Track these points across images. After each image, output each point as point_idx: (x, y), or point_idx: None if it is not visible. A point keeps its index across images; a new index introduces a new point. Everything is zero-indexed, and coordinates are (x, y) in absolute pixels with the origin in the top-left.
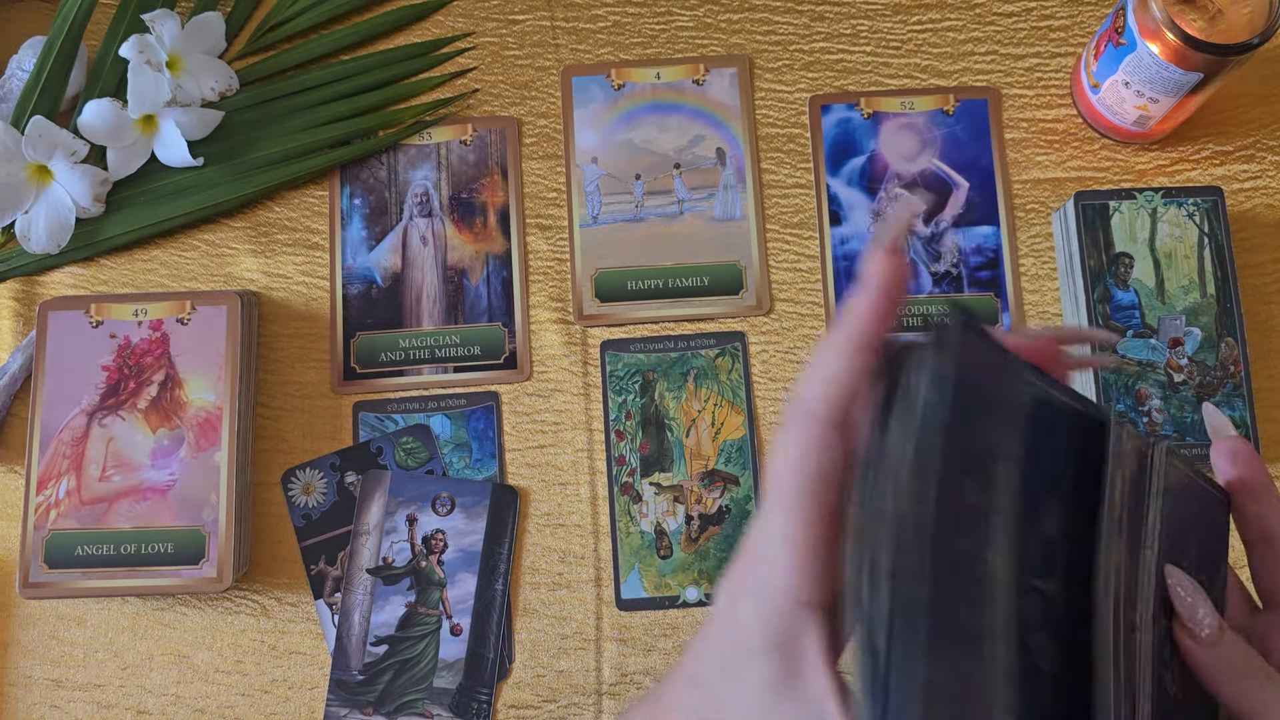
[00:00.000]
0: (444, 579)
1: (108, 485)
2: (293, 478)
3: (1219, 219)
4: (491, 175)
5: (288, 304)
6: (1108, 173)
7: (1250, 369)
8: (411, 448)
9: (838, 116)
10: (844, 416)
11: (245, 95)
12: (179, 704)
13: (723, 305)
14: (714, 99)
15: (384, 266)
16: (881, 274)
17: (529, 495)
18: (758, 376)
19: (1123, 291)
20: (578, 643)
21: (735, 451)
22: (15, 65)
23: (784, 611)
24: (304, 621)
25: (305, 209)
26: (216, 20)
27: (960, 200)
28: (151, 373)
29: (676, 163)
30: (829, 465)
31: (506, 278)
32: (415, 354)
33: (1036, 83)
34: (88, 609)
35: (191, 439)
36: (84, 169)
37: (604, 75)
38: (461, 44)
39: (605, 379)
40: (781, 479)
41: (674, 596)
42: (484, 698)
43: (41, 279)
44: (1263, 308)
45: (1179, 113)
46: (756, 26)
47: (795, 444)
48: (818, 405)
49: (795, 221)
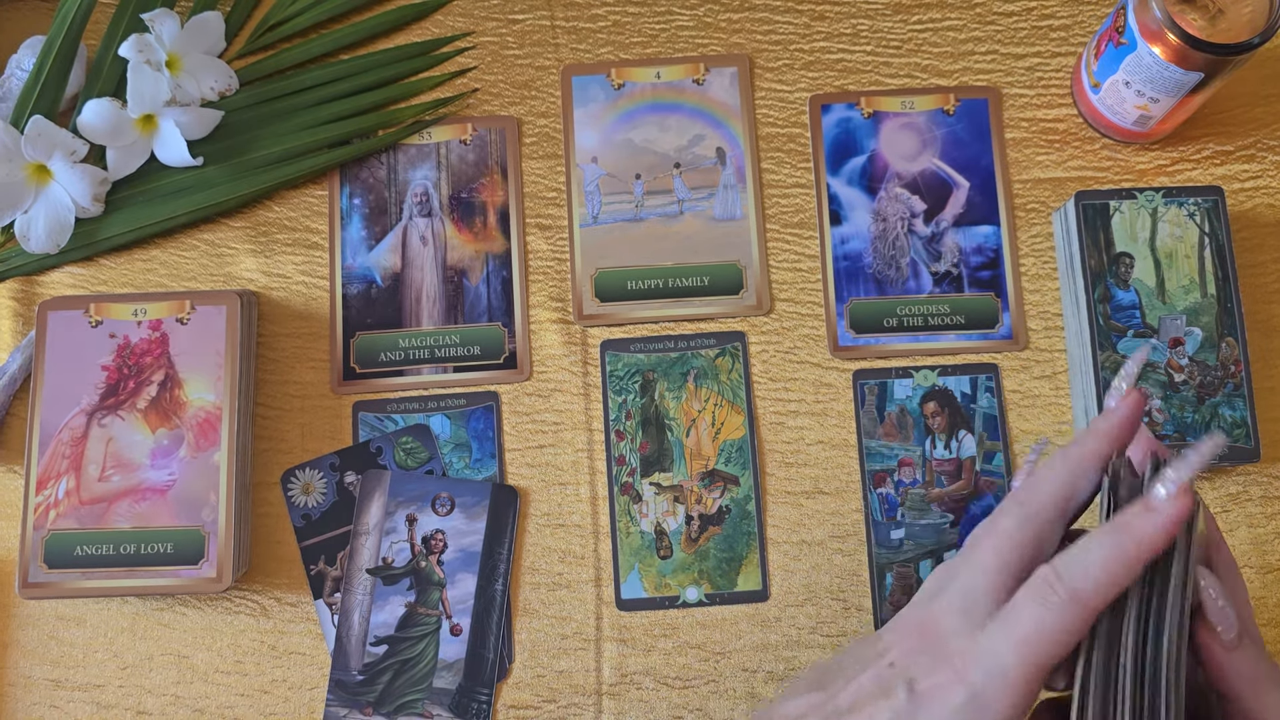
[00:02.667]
0: (444, 579)
1: (107, 485)
2: (292, 478)
3: (1219, 219)
4: (491, 175)
5: (287, 304)
6: (1108, 172)
7: (1251, 369)
8: (411, 448)
9: (838, 116)
10: (1105, 607)
11: (245, 95)
12: (179, 704)
13: (723, 305)
14: (714, 99)
15: (384, 266)
16: (1128, 409)
17: (529, 495)
18: (758, 376)
19: (1123, 291)
20: (578, 643)
21: (735, 451)
22: (15, 65)
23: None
24: (304, 622)
25: (305, 209)
26: (216, 20)
27: (961, 200)
28: (151, 372)
29: (676, 162)
30: (1073, 644)
31: (506, 277)
32: (415, 354)
33: (1037, 82)
34: (87, 609)
35: (191, 439)
36: (83, 169)
37: (604, 75)
38: (461, 43)
39: (605, 379)
40: (1029, 642)
41: (674, 596)
42: (484, 698)
43: (41, 279)
44: (1263, 308)
45: (1179, 112)
46: (757, 26)
47: (1056, 618)
48: (1092, 598)
49: (795, 221)
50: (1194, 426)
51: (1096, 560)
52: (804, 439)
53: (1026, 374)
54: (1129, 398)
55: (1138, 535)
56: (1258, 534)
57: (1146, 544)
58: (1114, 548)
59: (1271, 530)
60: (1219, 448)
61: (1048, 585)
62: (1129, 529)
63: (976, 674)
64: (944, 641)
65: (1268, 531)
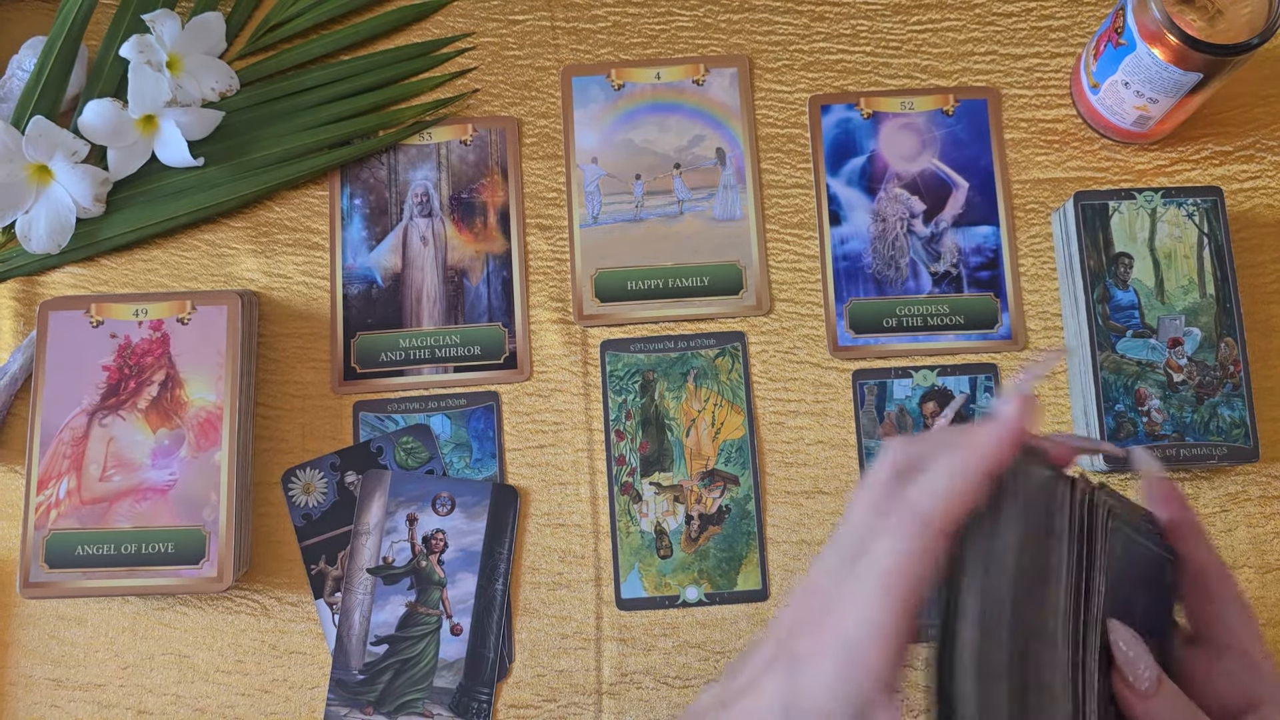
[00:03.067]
0: (444, 579)
1: (108, 485)
2: (293, 477)
3: (1219, 219)
4: (491, 175)
5: (288, 304)
6: (1107, 173)
7: (1250, 369)
8: (412, 447)
9: (838, 116)
10: (956, 529)
11: (245, 95)
12: (179, 704)
13: (723, 305)
14: (714, 99)
15: (384, 266)
16: (1017, 417)
17: (529, 495)
18: (758, 376)
19: (1122, 291)
20: (578, 642)
21: (735, 451)
22: (15, 65)
23: (868, 692)
24: (304, 621)
25: (305, 209)
26: (217, 20)
27: (960, 200)
28: (152, 372)
29: (676, 163)
30: (931, 569)
31: (506, 278)
32: (415, 354)
33: (1036, 83)
34: (88, 609)
35: (192, 439)
36: (84, 169)
37: (604, 75)
38: (461, 44)
39: (605, 379)
40: (889, 575)
41: (674, 596)
42: (484, 697)
43: (42, 279)
44: (1262, 308)
45: (1179, 113)
46: (756, 27)
47: (909, 548)
48: (936, 517)
49: (795, 221)
50: (1193, 426)
51: (938, 478)
52: (804, 439)
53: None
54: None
55: (974, 443)
56: (1256, 533)
57: (982, 452)
58: (952, 462)
59: (1270, 530)
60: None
61: (895, 514)
62: (967, 440)
63: (849, 622)
64: (823, 597)
65: (1266, 531)
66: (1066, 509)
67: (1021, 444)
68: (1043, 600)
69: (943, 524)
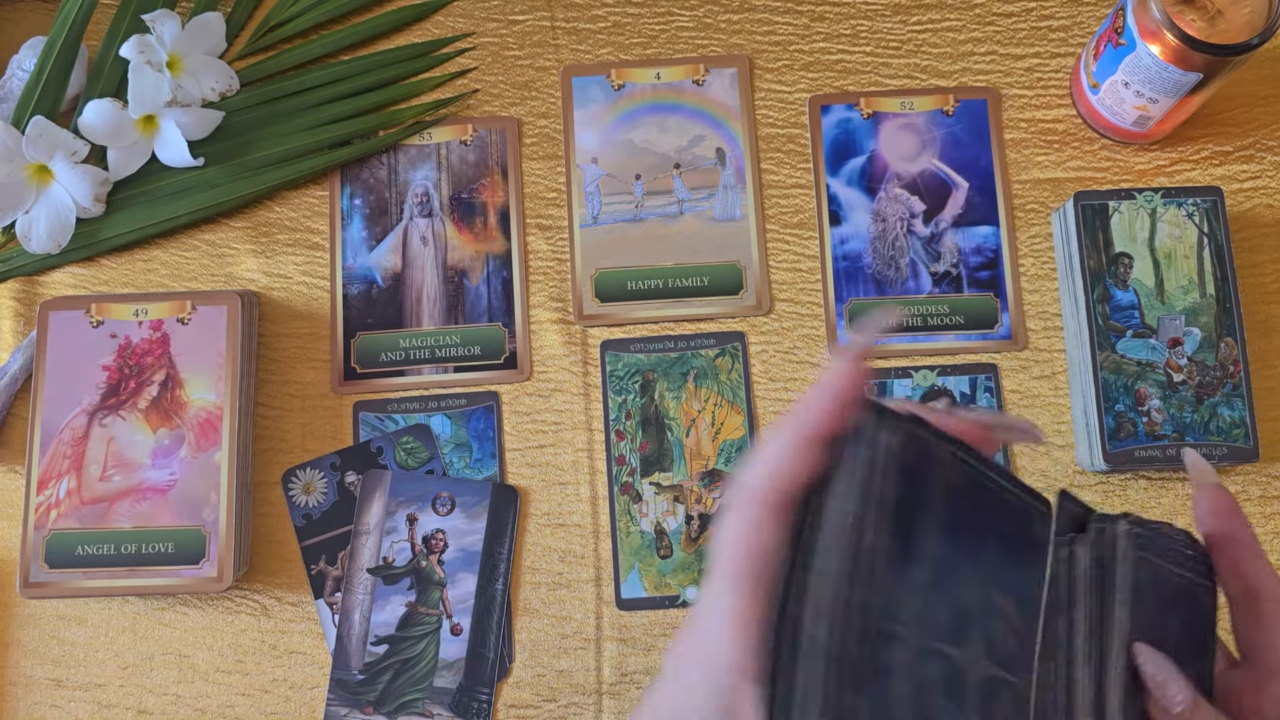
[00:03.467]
0: (444, 579)
1: (108, 485)
2: (293, 477)
3: (1218, 219)
4: (491, 175)
5: (288, 304)
6: (1107, 173)
7: (1250, 369)
8: (412, 447)
9: (837, 117)
10: (786, 501)
11: (245, 95)
12: (179, 704)
13: (723, 305)
14: (714, 99)
15: (384, 266)
16: (843, 380)
17: (529, 495)
18: (758, 376)
19: (1122, 291)
20: (578, 642)
21: (735, 451)
22: (15, 65)
23: (727, 682)
24: (304, 621)
25: (305, 209)
26: (217, 20)
27: (960, 200)
28: (152, 373)
29: (676, 163)
30: (765, 543)
31: (506, 278)
32: (415, 354)
33: (1036, 83)
34: (88, 609)
35: (192, 439)
36: (84, 169)
37: (604, 75)
38: (461, 44)
39: (605, 379)
40: (725, 556)
41: (674, 596)
42: (484, 697)
43: (42, 279)
44: (1262, 308)
45: (1179, 113)
46: (756, 27)
47: (740, 525)
48: (763, 491)
49: (795, 221)
50: (1193, 426)
51: (765, 450)
52: None
53: (1025, 374)
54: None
55: (798, 409)
56: (1256, 534)
57: (804, 417)
58: (776, 431)
59: (1270, 530)
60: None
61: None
62: (794, 408)
63: (703, 614)
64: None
65: (1266, 531)
66: (1044, 521)
67: (868, 406)
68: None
69: (765, 494)
